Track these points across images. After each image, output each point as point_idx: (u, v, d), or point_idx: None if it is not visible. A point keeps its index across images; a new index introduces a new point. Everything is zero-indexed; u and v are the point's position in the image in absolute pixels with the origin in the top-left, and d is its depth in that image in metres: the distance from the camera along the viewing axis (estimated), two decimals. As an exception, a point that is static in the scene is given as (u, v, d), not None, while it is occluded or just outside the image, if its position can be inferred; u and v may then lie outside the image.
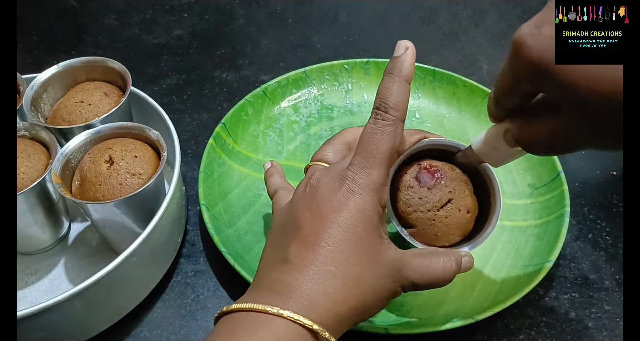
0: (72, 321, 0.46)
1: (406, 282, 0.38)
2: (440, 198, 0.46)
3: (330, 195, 0.38)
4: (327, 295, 0.35)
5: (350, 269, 0.36)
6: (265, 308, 0.34)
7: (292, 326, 0.34)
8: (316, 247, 0.36)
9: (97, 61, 0.59)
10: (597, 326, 0.51)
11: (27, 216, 0.50)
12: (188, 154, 0.67)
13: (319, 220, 0.37)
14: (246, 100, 0.67)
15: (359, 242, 0.37)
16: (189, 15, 0.89)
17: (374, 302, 0.38)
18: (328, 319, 0.35)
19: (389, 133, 0.38)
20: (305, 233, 0.37)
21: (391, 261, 0.38)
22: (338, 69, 0.72)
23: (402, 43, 0.39)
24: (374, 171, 0.37)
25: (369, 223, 0.37)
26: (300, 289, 0.35)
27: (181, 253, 0.57)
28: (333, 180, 0.39)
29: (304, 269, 0.36)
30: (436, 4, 0.91)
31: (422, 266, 0.39)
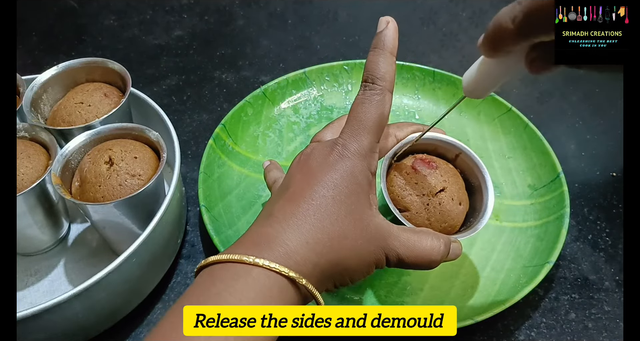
0: (72, 322, 0.45)
1: (392, 254, 0.39)
2: (435, 185, 0.47)
3: (321, 159, 0.39)
4: (307, 244, 0.35)
5: (335, 225, 0.37)
6: (242, 258, 0.34)
7: (269, 275, 0.34)
8: (300, 202, 0.37)
9: (97, 62, 0.59)
10: (596, 327, 0.51)
11: (27, 217, 0.50)
12: (188, 155, 0.67)
13: (306, 180, 0.38)
14: (246, 101, 0.67)
15: (346, 202, 0.37)
16: (188, 16, 0.89)
17: (357, 265, 0.38)
18: (306, 268, 0.35)
19: (377, 101, 0.39)
20: (292, 191, 0.38)
21: (378, 227, 0.39)
22: (338, 70, 0.72)
23: (383, 19, 0.41)
24: (363, 137, 0.39)
25: (358, 185, 0.38)
26: (279, 239, 0.35)
27: (181, 254, 0.57)
28: (325, 148, 0.40)
29: (285, 220, 0.36)
30: (436, 4, 0.91)
31: (410, 241, 0.39)
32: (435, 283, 0.53)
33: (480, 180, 0.49)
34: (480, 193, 0.49)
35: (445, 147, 0.50)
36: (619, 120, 0.70)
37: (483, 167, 0.49)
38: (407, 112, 0.70)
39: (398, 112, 0.70)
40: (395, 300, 0.51)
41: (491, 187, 0.48)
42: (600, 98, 0.74)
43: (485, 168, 0.49)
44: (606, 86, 0.75)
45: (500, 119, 0.66)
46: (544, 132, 0.62)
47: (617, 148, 0.67)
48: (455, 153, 0.50)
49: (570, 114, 0.72)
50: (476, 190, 0.49)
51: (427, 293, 0.52)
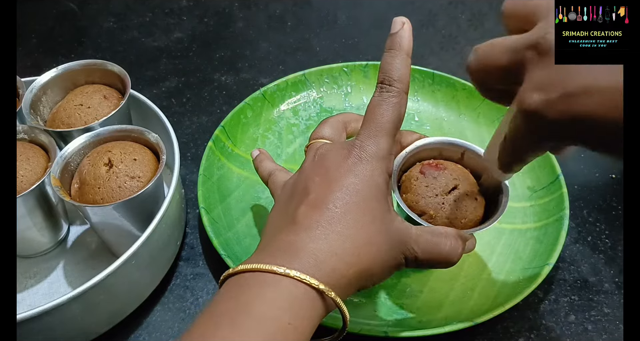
0: (71, 325, 0.45)
1: (410, 256, 0.38)
2: (446, 184, 0.47)
3: (339, 162, 0.38)
4: (335, 255, 0.35)
5: (361, 233, 0.36)
6: (272, 268, 0.33)
7: (299, 286, 0.33)
8: (324, 209, 0.36)
9: (96, 64, 0.59)
10: (596, 329, 0.51)
11: (26, 219, 0.50)
12: (187, 157, 0.67)
13: (327, 184, 0.38)
14: (245, 103, 0.67)
15: (368, 207, 0.37)
16: (188, 18, 0.89)
17: (380, 270, 0.38)
18: (334, 279, 0.35)
19: (394, 104, 0.39)
20: (313, 197, 0.37)
21: (399, 231, 0.38)
22: (337, 72, 0.72)
23: (398, 19, 0.40)
24: (381, 139, 0.38)
25: (377, 189, 0.38)
26: (307, 249, 0.35)
27: (180, 256, 0.57)
28: (342, 149, 0.39)
29: (312, 229, 0.36)
30: (435, 7, 0.92)
31: (430, 244, 0.39)
32: (435, 285, 0.53)
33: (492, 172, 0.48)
34: (495, 181, 0.48)
35: (449, 149, 0.50)
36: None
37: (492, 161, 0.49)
38: (406, 113, 0.70)
39: (397, 114, 0.70)
40: (395, 302, 0.51)
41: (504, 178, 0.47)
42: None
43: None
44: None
45: (499, 121, 0.66)
46: (544, 134, 0.62)
47: (616, 150, 0.67)
48: (460, 153, 0.50)
49: (570, 116, 0.72)
50: (492, 180, 0.48)
51: (426, 295, 0.52)
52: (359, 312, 0.50)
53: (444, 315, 0.50)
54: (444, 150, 0.50)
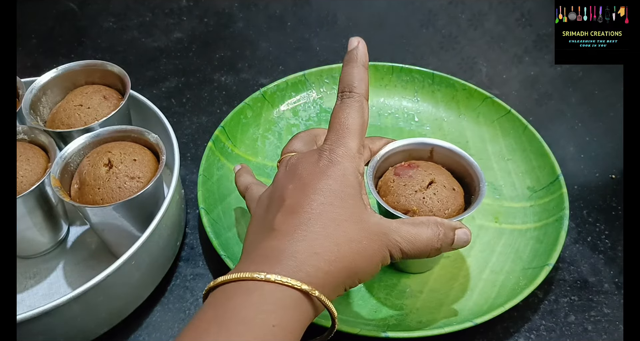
0: (71, 325, 0.45)
1: (394, 248, 0.39)
2: (423, 179, 0.48)
3: (311, 167, 0.40)
4: (316, 255, 0.36)
5: (339, 230, 0.37)
6: (253, 275, 0.34)
7: (282, 289, 0.34)
8: (300, 213, 0.37)
9: (96, 64, 0.59)
10: (596, 330, 0.51)
11: (26, 219, 0.50)
12: (187, 157, 0.67)
13: (301, 190, 0.39)
14: (245, 103, 0.67)
15: (344, 205, 0.38)
16: (188, 18, 0.89)
17: (366, 265, 0.38)
18: (317, 278, 0.35)
19: (357, 107, 0.41)
20: (289, 203, 0.38)
21: (378, 225, 0.39)
22: (337, 72, 0.72)
23: (353, 39, 0.44)
24: (348, 140, 0.40)
25: (351, 187, 0.39)
26: (287, 252, 0.36)
27: (180, 256, 0.57)
28: (312, 155, 0.41)
29: (290, 233, 0.37)
30: (435, 7, 0.92)
31: (410, 234, 0.40)
32: (435, 286, 0.53)
33: (463, 164, 0.50)
34: (469, 175, 0.49)
35: (418, 149, 0.51)
36: (619, 122, 0.70)
37: (458, 150, 0.50)
38: (406, 114, 0.70)
39: (397, 114, 0.70)
40: (394, 302, 0.51)
41: (476, 163, 0.49)
42: (600, 100, 0.74)
43: (461, 150, 0.50)
44: (605, 88, 0.76)
45: (499, 121, 0.66)
46: (543, 134, 0.62)
47: (616, 150, 0.67)
48: (429, 151, 0.51)
49: (570, 116, 0.72)
50: (464, 174, 0.50)
51: (426, 296, 0.52)
52: (359, 313, 0.50)
53: (444, 315, 0.50)
54: (413, 151, 0.51)
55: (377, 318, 0.50)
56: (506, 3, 0.91)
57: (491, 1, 0.91)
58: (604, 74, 0.77)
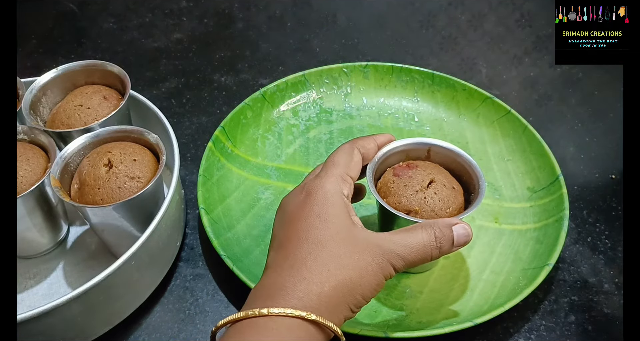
0: (70, 325, 0.45)
1: (393, 257, 0.39)
2: (422, 179, 0.48)
3: (295, 200, 0.41)
4: (305, 280, 0.36)
5: (326, 250, 0.37)
6: (247, 313, 0.35)
7: (285, 321, 0.35)
8: (287, 245, 0.38)
9: (96, 65, 0.59)
10: (596, 330, 0.51)
11: (26, 220, 0.50)
12: (187, 158, 0.67)
13: (287, 224, 0.40)
14: (245, 103, 0.67)
15: (328, 226, 0.39)
16: (188, 19, 0.89)
17: (362, 280, 0.38)
18: (310, 301, 0.36)
19: (347, 149, 0.45)
20: (278, 239, 0.40)
21: (368, 238, 0.39)
22: (337, 72, 0.72)
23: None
24: (332, 170, 0.42)
25: (335, 207, 0.39)
26: (276, 285, 0.37)
27: (180, 256, 0.57)
28: (295, 191, 0.43)
29: (279, 266, 0.38)
30: (435, 7, 0.92)
31: (405, 239, 0.40)
32: (435, 286, 0.53)
33: (461, 162, 0.50)
34: (467, 173, 0.50)
35: (415, 149, 0.51)
36: (618, 122, 0.70)
37: (456, 149, 0.50)
38: (406, 114, 0.70)
39: (397, 115, 0.70)
40: (394, 303, 0.51)
41: (474, 161, 0.49)
42: (599, 101, 0.74)
43: (458, 148, 0.50)
44: (605, 88, 0.76)
45: (499, 122, 0.66)
46: (543, 135, 0.62)
47: (616, 150, 0.67)
48: (426, 150, 0.51)
49: (569, 117, 0.72)
50: (462, 173, 0.50)
51: (426, 296, 0.52)
52: (359, 313, 0.50)
53: (444, 316, 0.50)
54: (410, 151, 0.51)
55: (377, 319, 0.50)
56: (506, 4, 0.91)
57: (491, 2, 0.92)
58: (603, 74, 0.77)
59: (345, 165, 0.43)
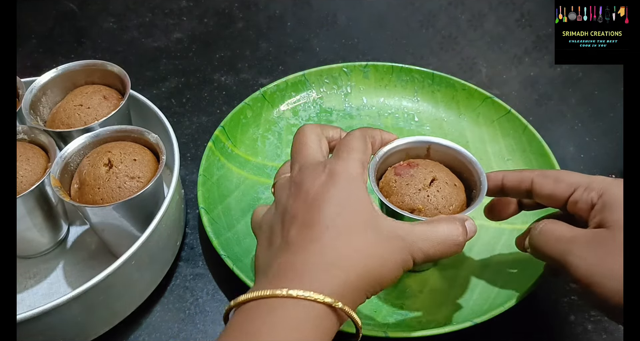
0: (70, 325, 0.45)
1: (414, 249, 0.38)
2: (424, 177, 0.48)
3: (315, 181, 0.39)
4: (333, 266, 0.35)
5: (352, 237, 0.37)
6: (274, 292, 0.34)
7: (304, 304, 0.33)
8: (314, 226, 0.37)
9: (96, 64, 0.59)
10: (596, 329, 0.51)
11: (26, 219, 0.50)
12: (187, 157, 0.67)
13: (309, 204, 0.38)
14: (245, 103, 0.67)
15: (354, 212, 0.38)
16: (188, 18, 0.89)
17: (385, 270, 0.37)
18: (338, 288, 0.35)
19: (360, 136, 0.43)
20: (302, 218, 0.38)
21: (392, 228, 0.39)
22: (337, 72, 0.72)
23: None
24: (350, 155, 0.41)
25: (357, 195, 0.39)
26: (305, 266, 0.35)
27: (180, 256, 0.57)
28: (315, 169, 0.41)
29: (306, 247, 0.36)
30: (435, 7, 0.92)
31: (427, 232, 0.39)
32: (435, 286, 0.53)
33: (461, 159, 0.49)
34: (468, 170, 0.49)
35: (414, 148, 0.51)
36: (618, 122, 0.70)
37: (455, 146, 0.50)
38: (406, 114, 0.70)
39: (397, 114, 0.70)
40: (394, 302, 0.51)
41: (474, 158, 0.49)
42: (599, 101, 0.74)
43: (457, 145, 0.50)
44: (605, 88, 0.76)
45: (499, 121, 0.66)
46: (543, 134, 0.62)
47: (616, 150, 0.67)
48: (425, 149, 0.51)
49: (570, 116, 0.72)
50: (462, 170, 0.50)
51: (426, 295, 0.52)
52: (359, 312, 0.50)
53: (444, 315, 0.50)
54: (410, 150, 0.51)
55: (377, 318, 0.50)
56: (506, 3, 0.91)
57: (491, 2, 0.92)
58: (604, 74, 0.77)
59: (363, 151, 0.42)
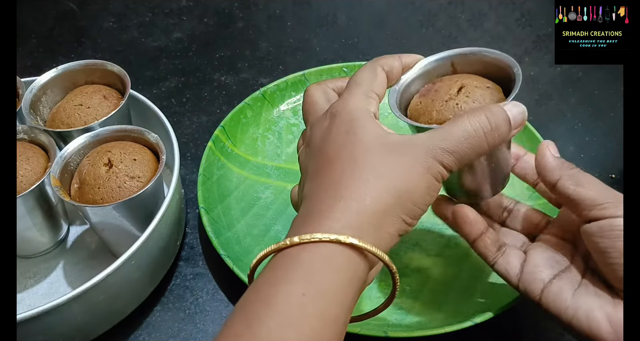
0: (70, 325, 0.45)
1: (438, 152, 0.34)
2: (450, 88, 0.43)
3: (321, 130, 0.38)
4: (342, 199, 0.33)
5: (359, 163, 0.34)
6: (279, 245, 0.32)
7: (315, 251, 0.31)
8: (320, 172, 0.35)
9: (96, 64, 0.59)
10: (596, 329, 0.51)
11: (26, 219, 0.50)
12: (187, 157, 0.67)
13: (317, 156, 0.37)
14: (245, 103, 0.67)
15: (358, 140, 0.35)
16: (188, 18, 0.89)
17: (408, 185, 0.34)
18: (350, 220, 0.32)
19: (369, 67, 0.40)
20: (310, 174, 0.36)
21: (406, 140, 0.35)
22: (337, 72, 0.72)
23: None
24: (351, 91, 0.38)
25: (361, 121, 0.36)
26: (313, 211, 0.33)
27: (180, 256, 0.57)
28: (320, 121, 0.39)
29: (314, 195, 0.35)
30: (435, 7, 0.92)
31: (447, 131, 0.35)
32: (435, 285, 0.53)
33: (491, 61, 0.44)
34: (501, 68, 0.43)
35: (436, 67, 0.45)
36: (618, 122, 0.70)
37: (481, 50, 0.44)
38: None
39: (397, 114, 0.70)
40: (394, 303, 0.51)
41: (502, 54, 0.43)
42: (600, 100, 0.74)
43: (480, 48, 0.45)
44: (605, 88, 0.76)
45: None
46: (543, 134, 0.62)
47: (616, 150, 0.67)
48: (449, 65, 0.46)
49: (569, 116, 0.72)
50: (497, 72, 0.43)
51: (426, 295, 0.52)
52: (359, 312, 0.50)
53: (444, 315, 0.50)
54: (432, 71, 0.45)
55: (377, 318, 0.50)
56: (506, 3, 0.91)
57: (491, 1, 0.92)
58: (604, 74, 0.77)
59: (368, 82, 0.39)
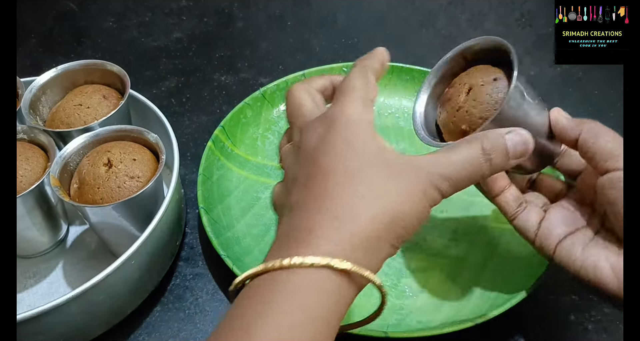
0: (70, 325, 0.45)
1: (435, 178, 0.33)
2: (459, 94, 0.42)
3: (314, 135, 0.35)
4: (336, 219, 0.31)
5: (356, 181, 0.32)
6: (267, 266, 0.30)
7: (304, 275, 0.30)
8: (312, 183, 0.33)
9: (96, 64, 0.59)
10: (596, 329, 0.51)
11: (26, 219, 0.50)
12: (187, 157, 0.67)
13: (309, 163, 0.34)
14: (245, 103, 0.67)
15: (356, 153, 0.33)
16: (188, 18, 0.89)
17: (403, 208, 0.32)
18: (342, 243, 0.31)
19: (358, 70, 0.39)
20: (302, 179, 0.34)
21: (405, 161, 0.34)
22: (337, 72, 0.72)
23: None
24: (346, 96, 0.36)
25: (360, 133, 0.34)
26: (302, 228, 0.32)
27: (180, 256, 0.57)
28: (312, 126, 0.36)
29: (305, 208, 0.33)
30: (435, 7, 0.92)
31: (445, 157, 0.34)
32: (435, 286, 0.53)
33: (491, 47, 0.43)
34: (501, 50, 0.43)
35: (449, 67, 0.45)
36: (618, 121, 0.69)
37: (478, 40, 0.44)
38: (406, 113, 0.70)
39: (398, 114, 0.70)
40: (395, 302, 0.51)
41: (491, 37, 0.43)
42: (600, 100, 0.74)
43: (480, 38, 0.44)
44: (605, 88, 0.75)
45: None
46: (543, 134, 0.62)
47: (616, 150, 0.67)
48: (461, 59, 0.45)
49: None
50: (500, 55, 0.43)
51: (426, 296, 0.52)
52: (359, 312, 0.50)
53: (444, 315, 0.50)
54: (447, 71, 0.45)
55: (377, 318, 0.50)
56: (506, 3, 0.91)
57: (491, 1, 0.92)
58: (604, 74, 0.77)
59: (362, 88, 0.37)
